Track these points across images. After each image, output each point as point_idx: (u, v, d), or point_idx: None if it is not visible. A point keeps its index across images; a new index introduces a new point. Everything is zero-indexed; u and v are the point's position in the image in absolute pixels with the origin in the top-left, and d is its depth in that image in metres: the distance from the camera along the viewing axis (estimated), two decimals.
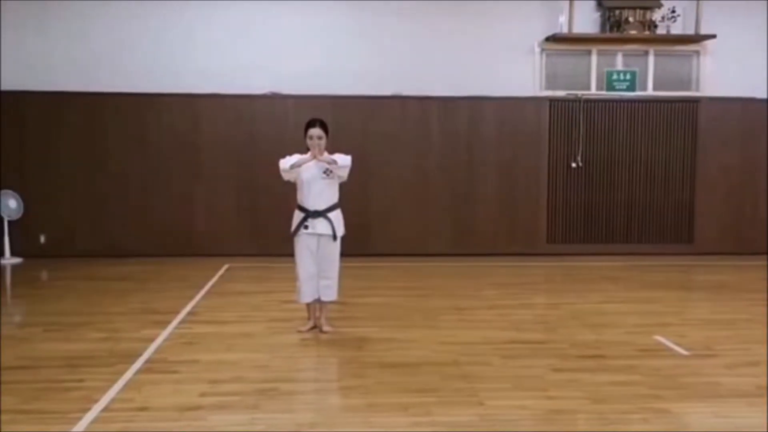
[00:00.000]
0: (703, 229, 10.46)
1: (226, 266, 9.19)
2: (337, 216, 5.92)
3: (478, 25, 10.11)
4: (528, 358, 5.33)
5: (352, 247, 9.83)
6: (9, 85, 9.60)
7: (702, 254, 10.29)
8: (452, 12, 10.03)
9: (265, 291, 7.74)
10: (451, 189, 10.23)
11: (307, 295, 5.97)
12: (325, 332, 5.94)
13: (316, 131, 5.83)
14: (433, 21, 10.03)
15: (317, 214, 5.83)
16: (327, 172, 5.84)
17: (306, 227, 5.84)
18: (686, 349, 5.57)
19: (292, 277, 6.16)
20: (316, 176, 5.85)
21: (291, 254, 6.05)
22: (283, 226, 6.15)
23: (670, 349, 5.60)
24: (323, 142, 5.84)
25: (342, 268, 6.11)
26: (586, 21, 10.21)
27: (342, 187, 6.06)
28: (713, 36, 10.10)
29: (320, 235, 5.86)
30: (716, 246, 10.38)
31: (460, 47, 10.10)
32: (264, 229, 9.83)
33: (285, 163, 5.84)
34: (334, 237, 5.87)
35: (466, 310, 6.94)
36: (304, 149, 5.94)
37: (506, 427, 4.02)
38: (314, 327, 6.04)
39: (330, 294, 5.98)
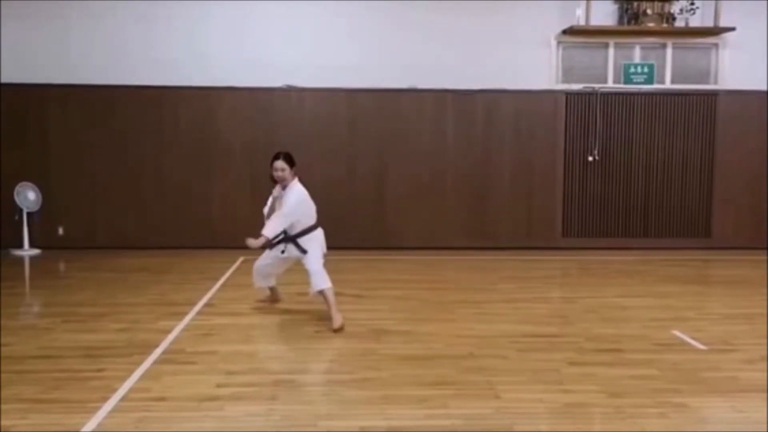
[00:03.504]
0: (721, 223, 10.39)
1: (241, 259, 9.23)
2: (306, 238, 6.08)
3: (494, 17, 10.07)
4: (544, 352, 5.32)
5: (368, 240, 9.94)
6: (29, 78, 9.68)
7: (720, 248, 10.23)
8: (468, 4, 9.99)
9: (281, 283, 7.74)
10: (467, 182, 10.21)
11: (257, 282, 6.61)
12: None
13: (278, 163, 6.07)
14: (448, 14, 10.00)
15: (289, 239, 6.10)
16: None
17: (282, 252, 6.13)
18: (704, 344, 5.54)
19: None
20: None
21: None
22: None
23: (688, 344, 5.58)
24: (285, 173, 6.05)
25: (358, 261, 6.12)
26: (604, 13, 10.14)
27: (358, 180, 6.15)
28: (732, 29, 10.01)
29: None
30: (734, 240, 10.31)
31: (476, 40, 10.06)
32: None
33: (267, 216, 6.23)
34: (303, 252, 6.06)
35: (482, 304, 6.94)
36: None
37: (522, 420, 4.02)
38: (274, 301, 6.73)
39: (312, 284, 6.02)
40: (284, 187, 6.08)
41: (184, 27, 9.90)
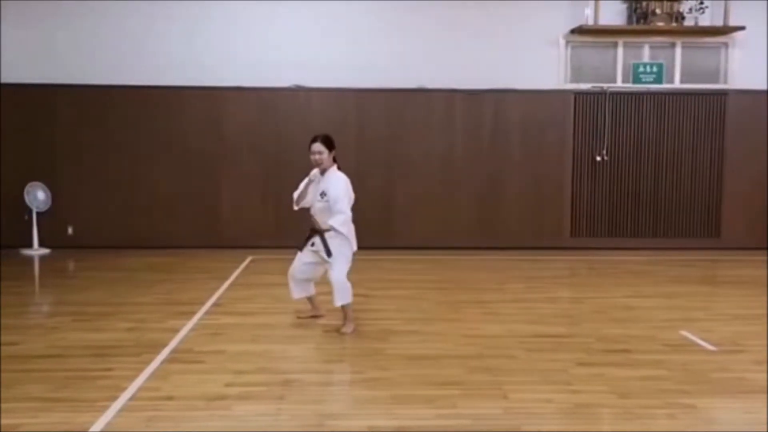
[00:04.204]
0: (731, 223, 10.34)
1: (249, 258, 9.25)
2: (336, 240, 5.74)
3: (502, 17, 10.05)
4: (553, 352, 5.31)
5: (377, 240, 9.93)
6: (39, 79, 9.73)
7: (729, 249, 10.18)
8: (477, 4, 9.97)
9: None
10: (476, 182, 10.20)
11: (295, 293, 6.09)
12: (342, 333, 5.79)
13: (315, 146, 5.75)
14: (457, 13, 9.98)
15: (318, 233, 5.79)
16: (322, 195, 5.77)
17: (312, 245, 5.83)
18: (713, 345, 5.52)
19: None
20: (314, 198, 5.87)
21: None
22: (307, 218, 6.15)
23: (697, 344, 5.56)
24: (323, 156, 5.73)
25: (365, 261, 6.09)
26: (613, 13, 10.11)
27: (366, 179, 6.04)
28: (742, 28, 9.96)
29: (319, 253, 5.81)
30: (743, 240, 10.26)
31: (484, 40, 10.04)
32: (287, 221, 9.83)
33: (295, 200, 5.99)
34: (328, 254, 5.72)
35: (491, 304, 6.93)
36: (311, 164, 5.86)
37: (531, 420, 4.01)
38: (315, 316, 6.21)
39: (334, 298, 5.78)
40: (323, 172, 5.78)
41: (191, 27, 9.91)
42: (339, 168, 5.89)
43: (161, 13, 9.87)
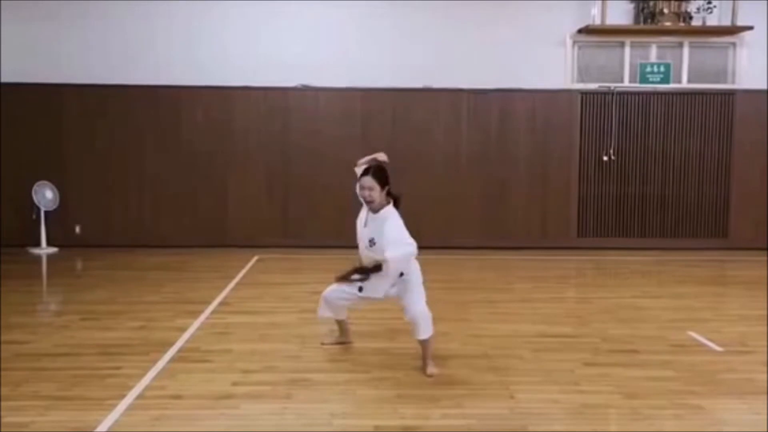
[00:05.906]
0: (738, 223, 10.31)
1: (256, 257, 9.27)
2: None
3: (509, 16, 10.04)
4: (559, 352, 5.31)
5: None
6: (47, 78, 9.76)
7: (737, 249, 10.14)
8: (483, 4, 9.97)
9: (296, 282, 7.78)
10: (482, 182, 10.19)
11: (322, 311, 5.34)
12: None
13: (366, 180, 4.93)
14: (463, 13, 9.98)
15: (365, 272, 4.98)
16: (371, 242, 4.86)
17: (360, 290, 5.03)
18: (720, 345, 5.50)
19: (323, 268, 6.17)
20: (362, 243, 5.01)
21: (321, 246, 6.03)
22: (313, 218, 6.16)
23: (704, 345, 5.55)
24: (374, 193, 4.91)
25: None
26: (620, 12, 10.09)
27: None
28: (750, 27, 9.93)
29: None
30: (751, 241, 10.23)
31: (491, 39, 10.04)
32: (295, 221, 9.89)
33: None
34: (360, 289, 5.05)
35: (497, 303, 6.94)
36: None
37: (537, 420, 4.01)
38: (343, 342, 5.52)
39: (418, 332, 4.95)
40: (374, 211, 4.91)
41: (200, 27, 9.93)
42: (397, 205, 5.03)
43: (166, 11, 9.88)
